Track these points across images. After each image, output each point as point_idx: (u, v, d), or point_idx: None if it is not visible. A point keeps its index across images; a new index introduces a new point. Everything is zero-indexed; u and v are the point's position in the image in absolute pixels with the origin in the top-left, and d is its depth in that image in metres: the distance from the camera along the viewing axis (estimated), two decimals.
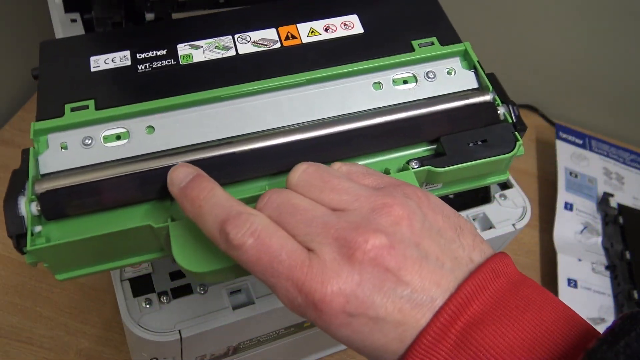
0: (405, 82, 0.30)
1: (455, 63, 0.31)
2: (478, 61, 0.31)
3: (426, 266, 0.22)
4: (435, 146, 0.29)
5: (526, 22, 0.75)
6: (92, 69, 0.29)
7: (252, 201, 0.26)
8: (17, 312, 0.50)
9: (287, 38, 0.31)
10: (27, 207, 0.25)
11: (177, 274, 0.36)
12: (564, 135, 0.74)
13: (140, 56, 0.30)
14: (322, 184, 0.24)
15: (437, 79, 0.30)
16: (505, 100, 0.30)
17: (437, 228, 0.23)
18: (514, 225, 0.42)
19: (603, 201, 0.67)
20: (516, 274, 0.23)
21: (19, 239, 0.24)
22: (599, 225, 0.66)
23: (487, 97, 0.30)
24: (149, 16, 0.42)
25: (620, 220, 0.64)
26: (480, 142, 0.29)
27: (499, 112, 0.30)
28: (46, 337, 0.49)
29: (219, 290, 0.35)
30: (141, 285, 0.35)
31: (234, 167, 0.27)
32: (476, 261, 0.23)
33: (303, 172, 0.24)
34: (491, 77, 0.31)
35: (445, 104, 0.30)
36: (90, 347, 0.49)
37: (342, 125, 0.28)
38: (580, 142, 0.75)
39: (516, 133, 0.29)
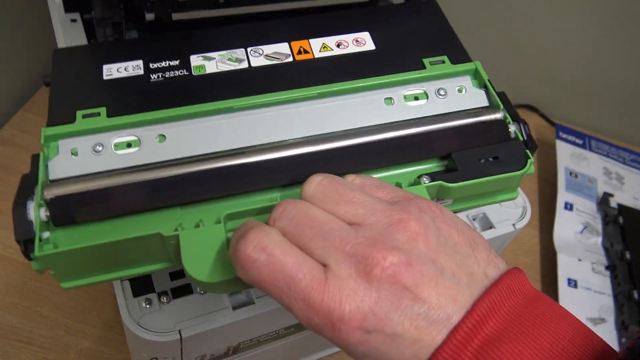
0: (416, 98, 0.30)
1: (466, 81, 0.32)
2: (489, 80, 0.32)
3: (442, 282, 0.21)
4: (446, 162, 0.29)
5: (526, 22, 0.75)
6: (105, 77, 0.29)
7: (263, 212, 0.26)
8: (17, 312, 0.50)
9: (299, 52, 0.31)
10: (35, 212, 0.24)
11: (177, 274, 0.36)
12: (564, 135, 0.74)
13: (153, 66, 0.30)
14: (338, 197, 0.23)
15: (448, 96, 0.31)
16: (516, 118, 0.30)
17: (452, 243, 0.23)
18: (514, 225, 0.42)
19: (603, 201, 0.67)
20: (531, 290, 0.23)
21: (26, 244, 0.24)
22: (599, 225, 0.66)
23: (498, 115, 0.30)
24: (149, 16, 0.42)
25: (620, 220, 0.64)
26: (491, 159, 0.29)
27: (510, 130, 0.30)
28: (46, 337, 0.49)
29: None
30: (141, 285, 0.35)
31: (245, 177, 0.27)
32: (491, 277, 0.23)
33: (318, 183, 0.24)
34: (502, 95, 0.31)
35: (457, 121, 0.30)
36: (90, 347, 0.49)
37: (354, 139, 0.28)
38: (580, 142, 0.75)
39: (527, 151, 0.29)
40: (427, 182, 0.28)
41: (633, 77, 0.76)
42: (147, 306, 0.34)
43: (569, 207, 0.66)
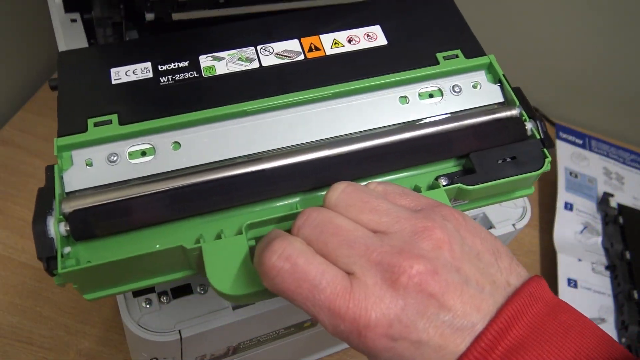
0: (431, 95, 0.30)
1: (481, 76, 0.31)
2: (504, 74, 0.31)
3: (467, 291, 0.22)
4: (462, 161, 0.29)
5: (526, 22, 0.75)
6: (113, 82, 0.29)
7: (285, 220, 0.26)
8: (17, 312, 0.50)
9: (310, 50, 0.31)
10: (55, 228, 0.24)
11: None
12: (564, 135, 0.74)
13: (161, 68, 0.29)
14: (362, 205, 0.23)
15: (462, 92, 0.30)
16: (533, 115, 0.30)
17: (475, 252, 0.23)
18: (514, 225, 0.42)
19: (603, 201, 0.67)
20: (552, 298, 0.23)
21: (49, 261, 0.24)
22: (599, 225, 0.66)
23: (514, 112, 0.30)
24: (149, 16, 0.42)
25: (620, 220, 0.64)
26: (509, 159, 0.28)
27: (526, 127, 0.30)
28: (46, 337, 0.49)
29: None
30: None
31: (264, 185, 0.27)
32: (513, 285, 0.23)
33: (342, 191, 0.24)
34: (517, 91, 0.31)
35: (473, 119, 0.29)
36: (90, 347, 0.49)
37: (372, 141, 0.28)
38: (580, 142, 0.75)
39: (544, 150, 0.29)
40: (445, 183, 0.28)
41: (633, 78, 0.76)
42: (147, 306, 0.34)
43: (569, 207, 0.66)
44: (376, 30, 0.32)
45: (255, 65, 0.30)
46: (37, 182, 0.60)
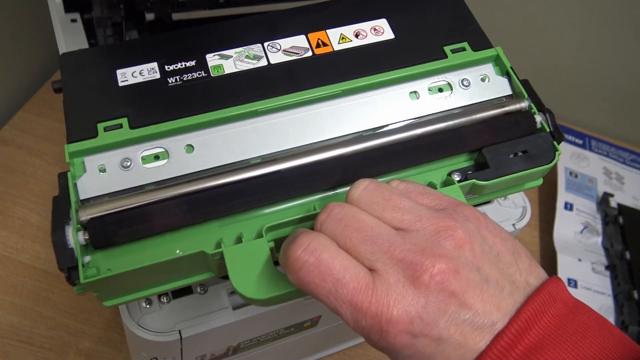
0: (440, 90, 0.30)
1: (489, 69, 0.31)
2: (511, 67, 0.31)
3: (487, 290, 0.22)
4: (474, 156, 0.30)
5: (526, 22, 0.75)
6: (120, 84, 0.28)
7: (303, 221, 0.26)
8: (17, 312, 0.50)
9: (318, 45, 0.31)
10: (74, 237, 0.24)
11: None
12: (564, 135, 0.74)
13: (169, 68, 0.29)
14: (385, 202, 0.24)
15: (471, 86, 0.30)
16: (542, 108, 0.30)
17: (496, 252, 0.23)
18: (514, 225, 0.42)
19: (603, 201, 0.67)
20: (571, 299, 0.23)
21: (70, 271, 0.24)
22: (599, 225, 0.66)
23: (524, 105, 0.30)
24: (149, 16, 0.42)
25: (620, 220, 0.64)
26: (520, 153, 0.29)
27: (536, 120, 0.30)
28: (46, 337, 0.49)
29: (219, 290, 0.35)
30: None
31: (280, 187, 0.27)
32: (532, 285, 0.23)
33: (364, 188, 0.24)
34: (525, 83, 0.31)
35: (483, 113, 0.29)
36: (90, 347, 0.49)
37: (387, 138, 0.28)
38: (580, 142, 0.75)
39: (554, 143, 0.29)
40: (458, 179, 0.28)
41: (633, 78, 0.76)
42: (147, 306, 0.34)
43: (569, 207, 0.66)
44: (382, 23, 0.32)
45: (264, 62, 0.30)
46: (37, 182, 0.60)
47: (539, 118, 0.30)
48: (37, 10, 0.69)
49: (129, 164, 0.26)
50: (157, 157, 0.27)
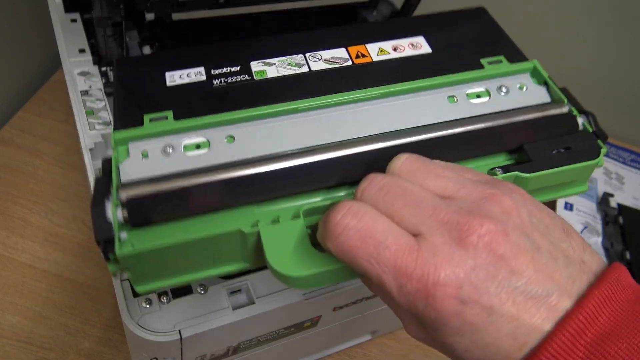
0: (478, 96, 0.31)
1: (526, 79, 0.32)
2: (549, 76, 0.32)
3: (539, 258, 0.20)
4: (515, 155, 0.29)
5: (527, 22, 0.75)
6: (168, 84, 0.30)
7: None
8: (17, 312, 0.50)
9: (357, 57, 0.32)
10: (114, 212, 0.24)
11: None
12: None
13: (214, 72, 0.30)
14: (427, 171, 0.23)
15: (510, 93, 0.31)
16: (583, 111, 0.30)
17: (545, 224, 0.22)
18: None
19: (603, 201, 0.67)
20: (637, 287, 0.22)
21: (106, 244, 0.24)
22: (599, 225, 0.66)
23: (564, 109, 0.30)
24: (149, 16, 0.42)
25: (620, 220, 0.64)
26: (563, 150, 0.28)
27: (578, 121, 0.30)
28: (46, 337, 0.49)
29: (219, 290, 0.35)
30: None
31: (319, 173, 0.27)
32: (589, 263, 0.22)
33: (406, 159, 0.24)
34: (564, 91, 0.31)
35: (524, 115, 0.29)
36: (90, 347, 0.49)
37: (425, 135, 0.28)
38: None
39: (599, 141, 0.29)
40: (501, 173, 0.28)
41: (633, 78, 0.76)
42: (147, 306, 0.34)
43: (569, 207, 0.66)
44: (420, 40, 0.33)
45: (305, 69, 0.31)
46: (37, 182, 0.60)
47: (580, 120, 0.30)
48: (37, 10, 0.69)
49: (170, 150, 0.27)
50: (198, 146, 0.27)
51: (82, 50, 0.44)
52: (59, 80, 0.73)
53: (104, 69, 0.43)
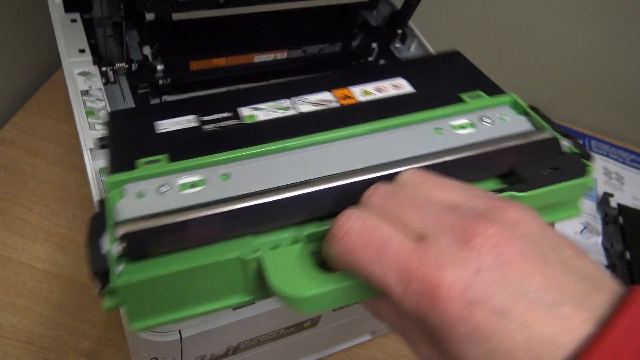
0: (462, 127, 0.32)
1: (507, 110, 0.33)
2: (530, 105, 0.33)
3: (547, 268, 0.19)
4: (507, 180, 0.30)
5: (526, 22, 0.75)
6: (161, 131, 0.31)
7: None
8: (17, 312, 0.50)
9: (344, 98, 0.33)
10: (109, 247, 0.24)
11: None
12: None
13: (205, 119, 0.31)
14: (433, 183, 0.23)
15: (493, 123, 0.32)
16: (566, 135, 0.32)
17: (555, 242, 0.21)
18: None
19: (603, 201, 0.67)
20: None
21: (102, 277, 0.24)
22: (599, 225, 0.66)
23: (548, 135, 0.31)
24: (149, 16, 0.42)
25: (620, 220, 0.64)
26: (553, 170, 0.30)
27: (562, 144, 0.31)
28: (46, 337, 0.49)
29: None
30: None
31: (316, 203, 0.27)
32: (603, 281, 0.20)
33: (413, 171, 0.24)
34: (544, 118, 0.32)
35: (512, 141, 0.31)
36: (90, 347, 0.49)
37: (414, 165, 0.29)
38: (580, 142, 0.74)
39: (584, 160, 0.31)
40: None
41: (633, 77, 0.76)
42: None
43: None
44: (401, 81, 0.35)
45: (294, 112, 0.32)
46: (37, 182, 0.60)
47: (565, 142, 0.31)
48: (37, 11, 0.69)
49: (165, 189, 0.27)
50: (193, 185, 0.28)
51: (82, 50, 0.44)
52: (59, 80, 0.73)
53: (104, 69, 0.43)
